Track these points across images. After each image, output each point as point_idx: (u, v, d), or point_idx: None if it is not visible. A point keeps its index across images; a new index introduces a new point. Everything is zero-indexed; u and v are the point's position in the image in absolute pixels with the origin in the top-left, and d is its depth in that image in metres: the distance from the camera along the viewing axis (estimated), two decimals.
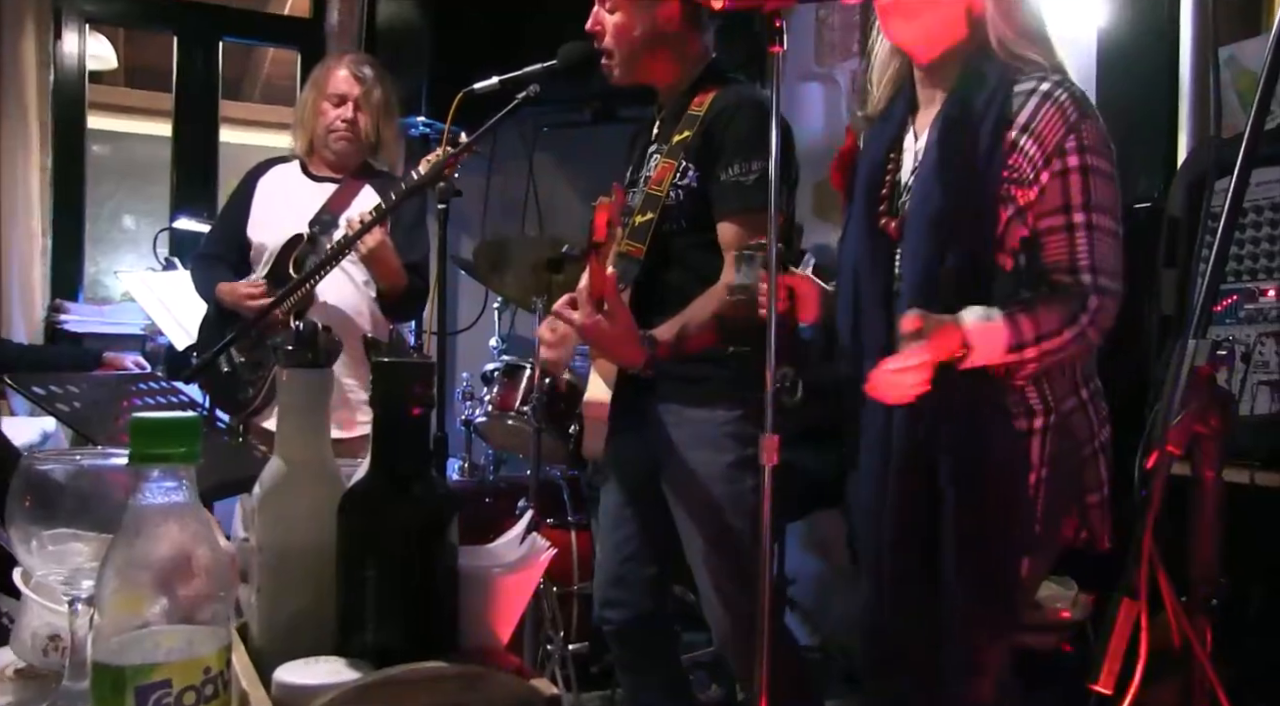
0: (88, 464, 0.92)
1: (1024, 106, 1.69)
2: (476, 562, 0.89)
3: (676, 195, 2.27)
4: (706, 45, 2.40)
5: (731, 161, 2.22)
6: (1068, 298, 1.65)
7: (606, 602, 2.49)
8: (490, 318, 4.04)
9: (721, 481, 2.24)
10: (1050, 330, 1.63)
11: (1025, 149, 1.68)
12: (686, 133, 2.29)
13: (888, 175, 1.87)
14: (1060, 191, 1.67)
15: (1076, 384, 1.77)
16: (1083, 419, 1.77)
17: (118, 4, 4.75)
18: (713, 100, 2.30)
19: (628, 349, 2.08)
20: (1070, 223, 1.67)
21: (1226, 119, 2.33)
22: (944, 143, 1.74)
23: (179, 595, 0.75)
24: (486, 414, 3.52)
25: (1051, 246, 1.69)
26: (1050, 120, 1.67)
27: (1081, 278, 1.66)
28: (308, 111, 3.13)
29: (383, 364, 0.80)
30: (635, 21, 2.32)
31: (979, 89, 1.73)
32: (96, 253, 5.32)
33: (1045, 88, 1.69)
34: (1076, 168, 1.67)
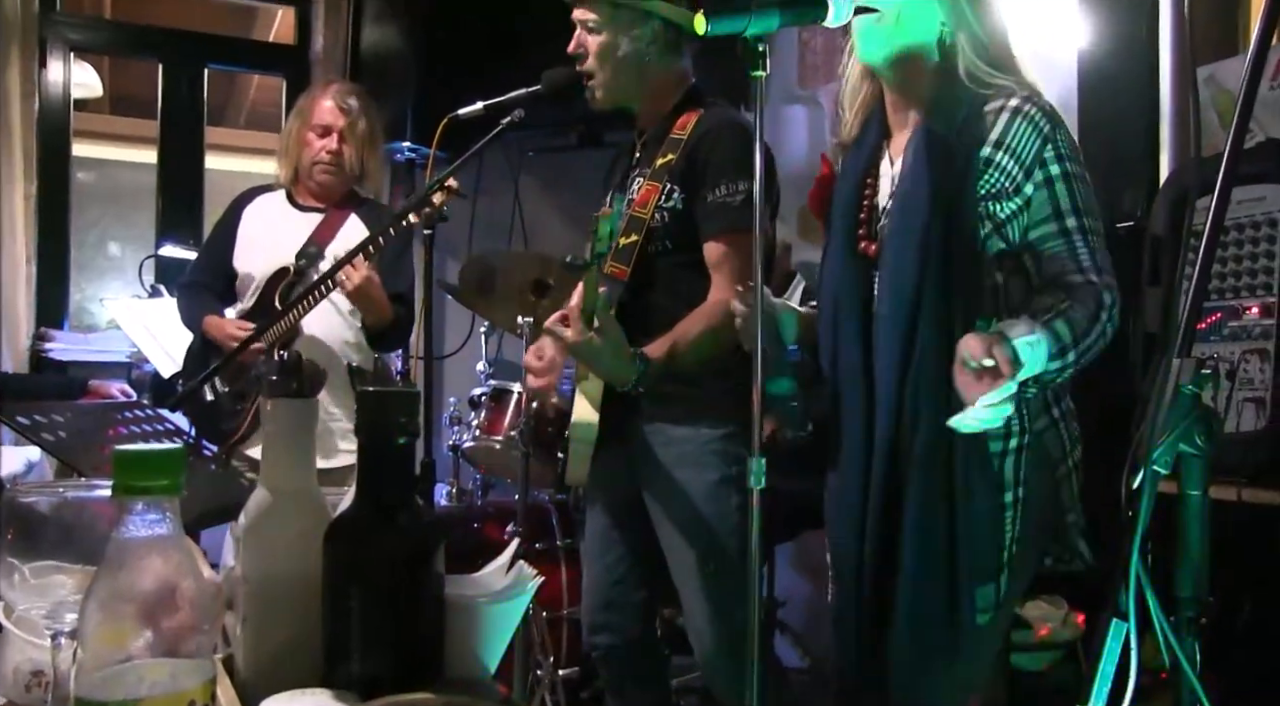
0: (71, 495, 0.92)
1: (995, 123, 1.72)
2: (463, 591, 0.89)
3: (661, 217, 2.28)
4: (686, 69, 2.42)
5: (717, 183, 2.23)
6: (1087, 297, 1.66)
7: (595, 627, 2.48)
8: (477, 342, 4.03)
9: (706, 499, 2.25)
10: (1083, 331, 1.63)
11: (1001, 164, 1.70)
12: (670, 156, 2.30)
13: (865, 200, 1.88)
14: (1049, 200, 1.71)
15: (1048, 403, 1.78)
16: (1055, 438, 1.78)
17: (103, 33, 4.77)
18: (695, 123, 2.32)
19: (619, 366, 2.08)
20: (1065, 228, 1.70)
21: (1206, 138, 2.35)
22: (919, 165, 1.75)
23: (163, 628, 0.75)
24: (474, 438, 3.51)
25: (1052, 253, 1.71)
26: (1024, 134, 1.70)
27: (1090, 277, 1.69)
28: (292, 141, 3.12)
29: (368, 393, 0.80)
30: (618, 41, 2.34)
31: (951, 112, 1.75)
32: (82, 280, 5.30)
33: (1014, 103, 1.72)
34: (1060, 176, 1.70)
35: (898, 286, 1.74)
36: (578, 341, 2.02)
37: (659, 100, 2.40)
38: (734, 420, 2.23)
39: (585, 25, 2.36)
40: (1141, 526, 1.15)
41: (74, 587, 0.90)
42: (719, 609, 2.25)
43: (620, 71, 2.36)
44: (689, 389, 2.24)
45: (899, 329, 1.72)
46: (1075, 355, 1.63)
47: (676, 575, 2.32)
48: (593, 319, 2.01)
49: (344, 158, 3.08)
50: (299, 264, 3.01)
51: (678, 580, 2.32)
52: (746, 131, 2.35)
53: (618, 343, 2.05)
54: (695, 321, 2.19)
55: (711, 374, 2.22)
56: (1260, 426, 2.13)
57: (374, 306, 2.88)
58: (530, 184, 4.47)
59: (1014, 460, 1.73)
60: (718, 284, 2.24)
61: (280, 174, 3.17)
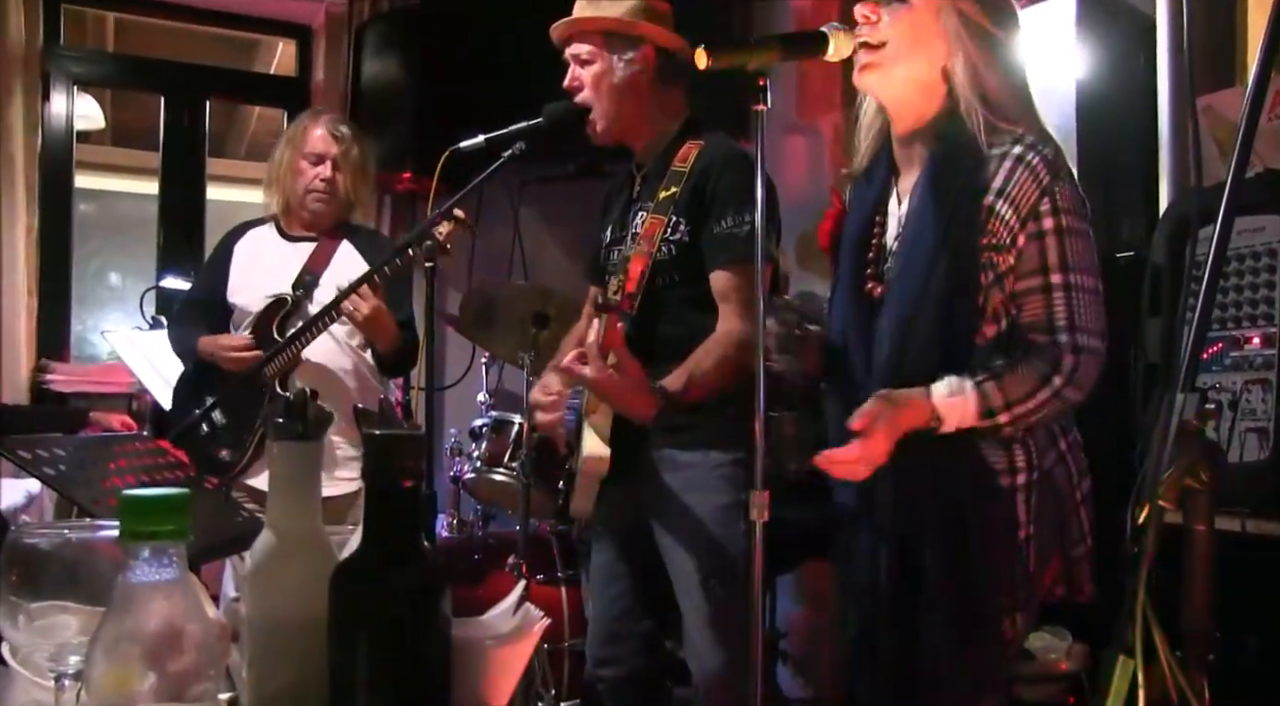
0: (75, 536, 0.92)
1: (998, 171, 1.71)
2: (470, 634, 0.89)
3: (668, 250, 2.29)
4: (682, 100, 2.44)
5: (723, 214, 2.25)
6: (1039, 361, 1.68)
7: (600, 660, 2.47)
8: (478, 373, 4.04)
9: (713, 523, 2.25)
10: (1020, 395, 1.66)
11: (1001, 214, 1.69)
12: (674, 188, 2.31)
13: (873, 238, 1.89)
14: (1037, 254, 1.70)
15: (1055, 437, 1.78)
16: (1063, 471, 1.78)
17: (106, 65, 4.80)
18: (697, 155, 2.33)
19: (640, 400, 2.07)
20: (1047, 284, 1.69)
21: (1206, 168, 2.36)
22: (923, 211, 1.75)
23: (168, 671, 0.75)
24: (475, 470, 3.51)
25: (1029, 307, 1.71)
26: (1024, 184, 1.69)
27: (1058, 337, 1.68)
28: (284, 170, 3.12)
29: (374, 436, 0.80)
30: (611, 68, 2.36)
31: (957, 154, 1.74)
32: (83, 310, 5.31)
33: (1017, 151, 1.70)
34: (1052, 230, 1.69)
35: (895, 334, 1.75)
36: (599, 378, 2.02)
37: (657, 131, 2.42)
38: (743, 446, 2.23)
39: (578, 59, 2.39)
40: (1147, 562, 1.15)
41: (78, 629, 0.90)
42: (721, 633, 2.24)
43: (617, 101, 2.38)
44: (698, 416, 2.24)
45: (893, 378, 1.73)
46: (1010, 417, 1.66)
47: (681, 599, 2.32)
48: (609, 355, 2.01)
49: (337, 185, 3.08)
50: (296, 294, 3.01)
51: (682, 604, 2.32)
52: (749, 162, 2.36)
53: (638, 377, 2.05)
54: (709, 352, 2.19)
55: (721, 401, 2.22)
56: (1263, 457, 2.13)
57: (384, 334, 2.89)
58: (530, 214, 4.48)
59: (1024, 497, 1.73)
60: (725, 314, 2.25)
61: (270, 203, 3.17)
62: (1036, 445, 1.75)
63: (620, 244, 2.43)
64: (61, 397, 4.07)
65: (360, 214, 3.24)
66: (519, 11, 3.92)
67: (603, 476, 2.25)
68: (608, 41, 2.37)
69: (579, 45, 2.39)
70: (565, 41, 2.44)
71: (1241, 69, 2.62)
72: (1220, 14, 2.65)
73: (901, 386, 1.71)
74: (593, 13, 2.40)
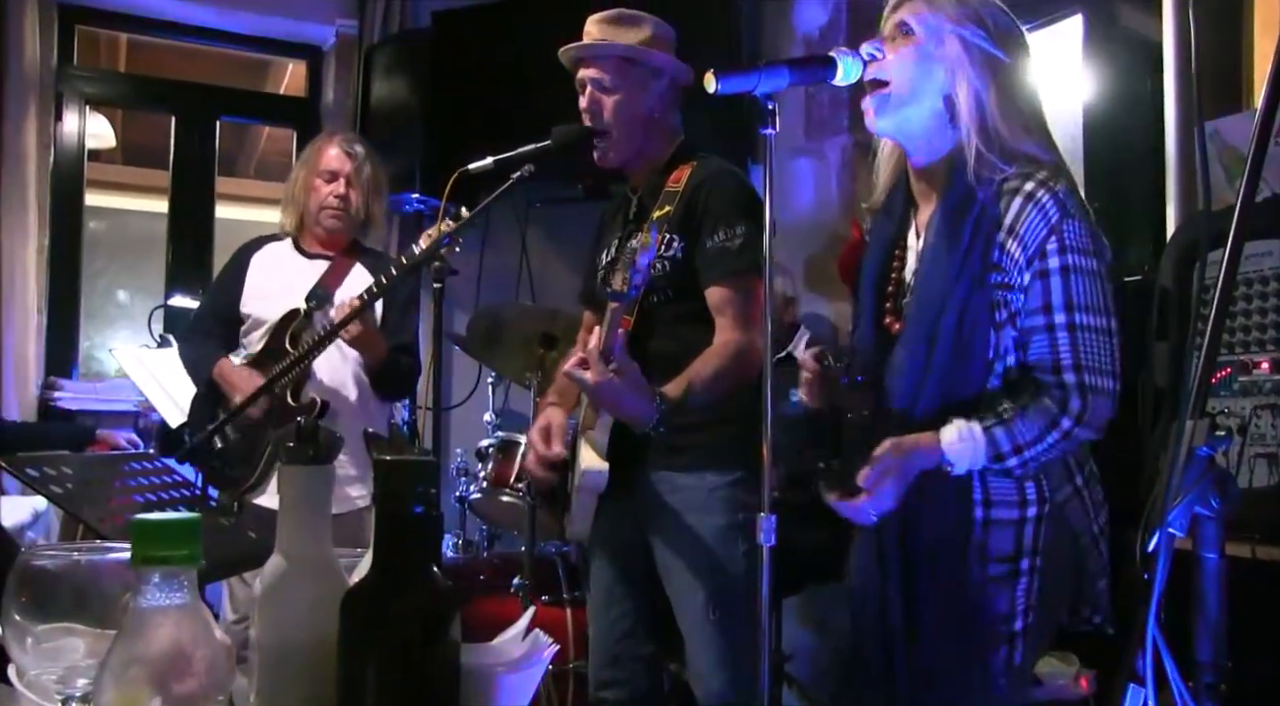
0: (84, 559, 0.92)
1: (1009, 208, 1.69)
2: (479, 660, 0.88)
3: (663, 266, 2.30)
4: (678, 123, 2.47)
5: (715, 228, 2.26)
6: (1048, 402, 1.67)
7: (603, 683, 2.46)
8: (484, 393, 4.04)
9: (712, 545, 2.25)
10: (1029, 440, 1.66)
11: (1011, 252, 1.69)
12: (667, 207, 2.33)
13: (893, 273, 1.89)
14: (1041, 292, 1.68)
15: (1071, 472, 1.78)
16: (1078, 506, 1.78)
17: (118, 86, 4.84)
18: (690, 174, 2.35)
19: (639, 405, 2.07)
20: (1051, 323, 1.68)
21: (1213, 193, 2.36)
22: (937, 248, 1.75)
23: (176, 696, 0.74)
24: (481, 490, 3.51)
25: (1035, 346, 1.70)
26: (1032, 223, 1.67)
27: (1064, 377, 1.67)
28: (299, 188, 3.15)
29: (385, 462, 0.80)
30: (636, 99, 2.37)
31: (969, 190, 1.73)
32: (90, 328, 5.32)
33: (1028, 188, 1.69)
34: (1057, 269, 1.67)
35: (907, 369, 1.75)
36: (599, 381, 2.01)
37: (655, 155, 2.43)
38: (741, 467, 2.24)
39: (599, 84, 2.38)
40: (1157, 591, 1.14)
41: (85, 651, 0.90)
42: (723, 655, 2.24)
43: (635, 130, 2.39)
44: (696, 436, 2.25)
45: (907, 412, 1.74)
46: (1018, 460, 1.67)
47: (682, 621, 2.31)
48: (610, 359, 2.01)
49: (351, 203, 3.10)
50: (309, 305, 3.03)
51: (683, 626, 2.31)
52: (741, 178, 2.40)
53: (638, 381, 2.05)
54: (708, 362, 2.20)
55: (718, 421, 2.23)
56: (1273, 482, 2.12)
57: (370, 348, 2.90)
58: (537, 235, 4.49)
59: (1033, 528, 1.73)
60: (722, 327, 2.26)
61: (285, 222, 3.19)
62: (1050, 480, 1.75)
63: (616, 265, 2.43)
64: (69, 415, 4.08)
65: (374, 232, 3.26)
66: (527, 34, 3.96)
67: (600, 492, 2.25)
68: (627, 68, 2.37)
69: (597, 71, 2.38)
70: (578, 64, 2.43)
71: (1249, 93, 2.63)
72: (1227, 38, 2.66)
73: (915, 423, 1.71)
74: (611, 38, 2.39)
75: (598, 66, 2.38)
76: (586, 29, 2.43)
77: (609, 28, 2.40)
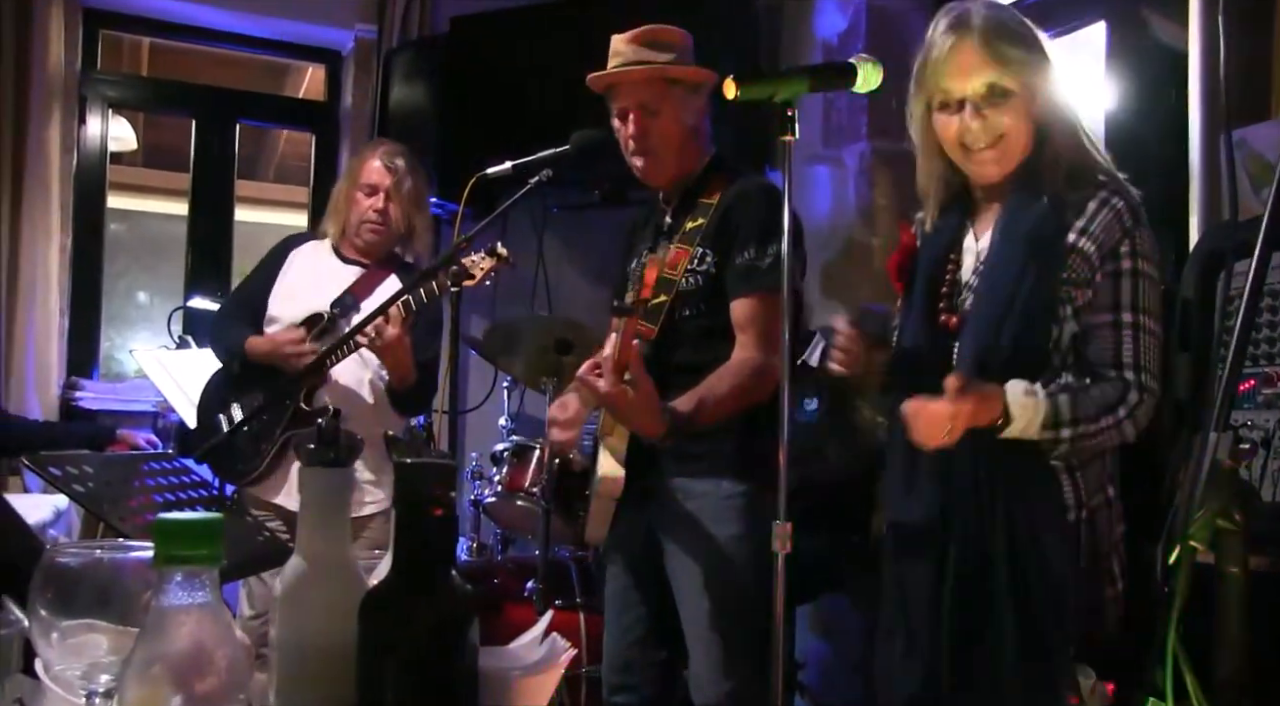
0: (107, 557, 0.92)
1: (1082, 211, 1.77)
2: (496, 663, 0.89)
3: (694, 280, 2.30)
4: (710, 133, 2.45)
5: (746, 245, 2.26)
6: (1109, 390, 1.72)
7: (615, 687, 2.46)
8: (499, 397, 4.04)
9: (724, 553, 2.25)
10: (1088, 415, 1.70)
11: (1084, 250, 1.76)
12: (701, 220, 2.32)
13: (948, 274, 1.92)
14: (1111, 291, 1.76)
15: (1104, 482, 1.82)
16: (1106, 516, 1.81)
17: (140, 89, 4.87)
18: (725, 188, 2.34)
19: (649, 419, 2.07)
20: (1118, 321, 1.75)
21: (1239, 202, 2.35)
22: (1006, 246, 1.81)
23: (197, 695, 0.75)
24: (496, 494, 3.50)
25: (1099, 341, 1.76)
26: (1108, 225, 1.76)
27: (1125, 373, 1.74)
28: (341, 200, 3.18)
29: (405, 465, 0.80)
30: (680, 117, 2.35)
31: (1038, 194, 1.80)
32: (110, 329, 5.35)
33: (1102, 194, 1.77)
34: (1129, 271, 1.76)
35: (976, 362, 1.78)
36: (611, 392, 2.02)
37: (690, 166, 2.41)
38: (756, 477, 2.23)
39: (645, 109, 2.33)
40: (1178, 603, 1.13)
41: (108, 648, 0.91)
42: (727, 664, 2.24)
43: (680, 149, 2.37)
44: (712, 445, 2.24)
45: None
46: (1070, 433, 1.70)
47: (687, 627, 2.31)
48: (625, 370, 2.02)
49: (390, 217, 3.11)
50: (333, 311, 3.04)
51: (687, 632, 2.31)
52: (776, 195, 2.36)
53: (650, 395, 2.05)
54: (723, 379, 2.19)
55: (736, 429, 2.22)
56: None
57: (400, 366, 2.89)
58: (554, 240, 4.49)
59: (1075, 533, 1.77)
60: (743, 343, 2.25)
61: (328, 229, 3.22)
62: (1087, 484, 1.78)
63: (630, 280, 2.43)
64: (90, 415, 4.10)
65: (417, 244, 3.25)
66: (547, 39, 3.97)
67: (616, 498, 2.25)
68: (669, 89, 2.33)
69: (642, 95, 2.33)
70: (611, 86, 2.38)
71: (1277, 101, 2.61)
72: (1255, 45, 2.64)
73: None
74: (649, 58, 2.33)
75: (641, 89, 2.34)
76: (617, 49, 2.37)
77: (644, 49, 2.34)
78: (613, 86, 2.38)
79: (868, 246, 3.89)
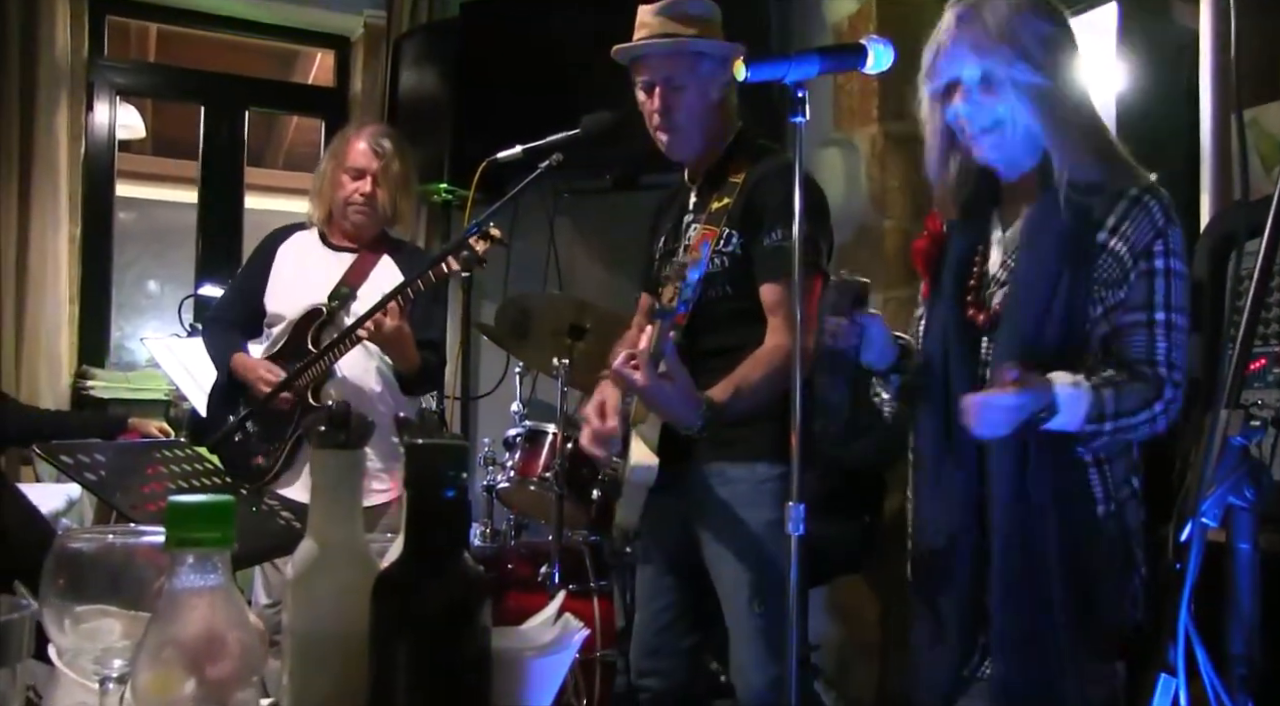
0: (119, 542, 0.93)
1: (1112, 210, 1.77)
2: (509, 644, 0.89)
3: (720, 262, 2.29)
4: (735, 111, 2.42)
5: (774, 227, 2.24)
6: (1148, 386, 1.73)
7: (642, 671, 2.47)
8: (512, 382, 4.04)
9: (760, 539, 2.25)
10: (1129, 410, 1.71)
11: (1115, 250, 1.76)
12: (726, 200, 2.30)
13: (975, 266, 1.93)
14: (1145, 290, 1.77)
15: (1129, 475, 1.83)
16: (1135, 508, 1.83)
17: (148, 77, 4.87)
18: (751, 168, 2.32)
19: (687, 410, 2.07)
20: (1152, 319, 1.76)
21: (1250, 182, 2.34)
22: (1035, 243, 1.82)
23: (210, 678, 0.75)
24: (509, 480, 3.51)
25: (1133, 339, 1.77)
26: (1140, 225, 1.76)
27: (1160, 370, 1.75)
28: (326, 182, 3.13)
29: (416, 446, 0.80)
30: (706, 92, 2.33)
31: (1068, 193, 1.79)
32: (121, 318, 5.37)
33: (1134, 193, 1.78)
34: (1162, 270, 1.76)
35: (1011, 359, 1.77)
36: (647, 385, 2.02)
37: (715, 143, 2.39)
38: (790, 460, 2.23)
39: (671, 83, 2.31)
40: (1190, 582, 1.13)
41: (121, 632, 0.91)
42: (767, 650, 2.24)
43: (706, 124, 2.35)
44: (746, 430, 2.24)
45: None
46: (1112, 426, 1.71)
47: (728, 614, 2.31)
48: (660, 362, 2.01)
49: (377, 200, 3.08)
50: (331, 304, 3.03)
51: (729, 620, 2.31)
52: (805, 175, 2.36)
53: (687, 387, 2.05)
54: (757, 366, 2.19)
55: (768, 416, 2.21)
56: None
57: (402, 355, 2.89)
58: (565, 225, 4.49)
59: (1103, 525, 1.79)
60: (774, 327, 2.24)
61: (313, 214, 3.18)
62: (1114, 477, 1.80)
63: (674, 255, 2.41)
64: (101, 404, 4.12)
65: (402, 227, 3.25)
66: (556, 23, 3.96)
67: (650, 486, 2.25)
68: (696, 62, 2.31)
69: (668, 69, 2.31)
70: (636, 60, 2.35)
71: None
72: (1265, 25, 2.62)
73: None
74: (676, 31, 2.30)
75: (667, 63, 2.31)
76: (643, 20, 2.35)
77: (671, 22, 2.31)
78: (637, 59, 2.36)
79: (879, 229, 3.88)
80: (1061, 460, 1.75)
